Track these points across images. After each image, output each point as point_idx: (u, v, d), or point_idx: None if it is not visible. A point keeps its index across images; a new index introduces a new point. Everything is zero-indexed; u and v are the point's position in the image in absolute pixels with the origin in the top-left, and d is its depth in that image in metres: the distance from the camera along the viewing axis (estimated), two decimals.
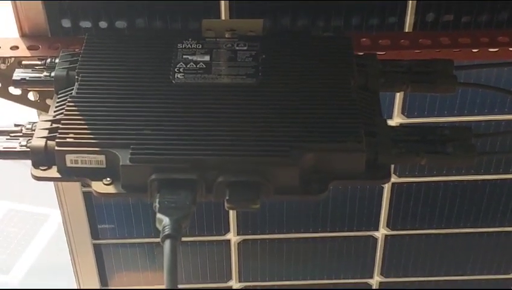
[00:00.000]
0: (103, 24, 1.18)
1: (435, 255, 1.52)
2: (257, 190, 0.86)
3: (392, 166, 1.10)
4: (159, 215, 0.83)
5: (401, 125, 1.17)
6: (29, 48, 1.13)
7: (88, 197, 1.40)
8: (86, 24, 1.18)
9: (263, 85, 0.98)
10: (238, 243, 1.48)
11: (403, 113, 1.31)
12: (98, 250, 1.49)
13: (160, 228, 0.83)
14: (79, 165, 0.89)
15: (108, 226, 1.46)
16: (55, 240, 2.44)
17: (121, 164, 0.87)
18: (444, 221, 1.47)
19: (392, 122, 1.31)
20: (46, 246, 2.45)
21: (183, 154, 0.88)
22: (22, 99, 1.17)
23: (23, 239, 2.47)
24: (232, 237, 1.48)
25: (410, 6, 1.17)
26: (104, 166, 0.89)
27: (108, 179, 0.88)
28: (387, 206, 1.45)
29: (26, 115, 1.14)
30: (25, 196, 2.55)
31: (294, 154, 0.88)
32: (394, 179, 1.40)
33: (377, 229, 1.48)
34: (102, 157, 0.88)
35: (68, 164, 0.89)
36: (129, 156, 0.87)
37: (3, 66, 1.13)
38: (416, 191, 1.42)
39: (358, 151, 0.89)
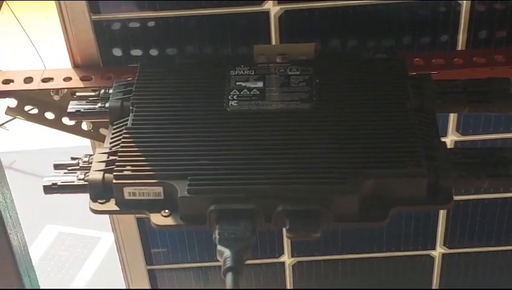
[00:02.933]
0: (154, 52, 1.18)
1: (494, 272, 1.50)
2: (317, 219, 0.85)
3: None
4: (219, 248, 0.83)
5: (461, 148, 1.16)
6: (82, 79, 1.14)
7: (141, 221, 1.39)
8: (136, 52, 1.18)
9: (318, 110, 0.97)
10: (292, 265, 1.47)
11: (457, 130, 1.29)
12: (152, 275, 1.49)
13: (221, 260, 0.82)
14: (137, 197, 0.89)
15: (161, 251, 1.46)
16: (106, 263, 2.45)
17: (179, 195, 0.86)
18: (503, 238, 1.44)
19: (447, 139, 1.29)
20: (98, 269, 2.45)
21: (241, 184, 0.87)
22: (75, 130, 1.18)
23: (75, 262, 2.48)
24: (287, 259, 1.47)
25: (463, 23, 1.16)
26: (162, 198, 0.88)
27: (166, 210, 0.88)
28: (444, 224, 1.42)
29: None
30: (74, 219, 2.56)
31: (353, 181, 0.87)
32: None
33: (434, 248, 1.46)
34: (160, 189, 0.88)
35: (126, 197, 0.88)
36: (187, 187, 0.87)
37: (56, 98, 1.14)
38: (473, 208, 1.40)
39: (419, 176, 0.88)
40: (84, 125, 1.19)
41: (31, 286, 1.26)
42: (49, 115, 1.16)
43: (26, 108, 1.16)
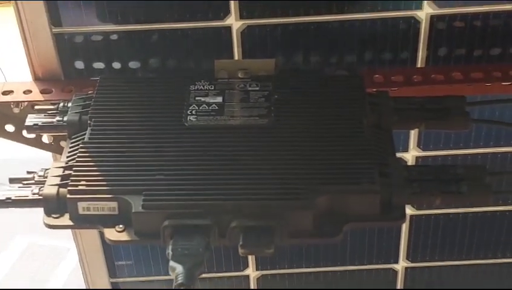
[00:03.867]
0: (116, 65, 1.19)
1: (455, 286, 1.51)
2: (271, 234, 0.86)
3: None
4: (171, 264, 0.83)
5: (415, 165, 1.16)
6: (42, 92, 1.14)
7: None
8: (99, 65, 1.19)
9: (276, 126, 0.98)
10: (257, 279, 1.48)
11: (418, 146, 1.30)
12: (116, 288, 1.48)
13: (173, 276, 0.82)
14: (91, 212, 0.88)
15: (125, 263, 1.46)
16: (77, 273, 2.44)
17: (133, 211, 0.86)
18: (464, 252, 1.45)
19: (408, 155, 1.30)
20: (68, 279, 2.44)
21: (196, 200, 0.87)
22: (35, 143, 1.17)
23: (44, 273, 2.47)
24: (251, 272, 1.47)
25: (422, 41, 1.17)
26: (117, 213, 0.88)
27: (121, 226, 0.88)
28: (407, 238, 1.43)
29: None
30: (44, 229, 2.55)
31: (307, 197, 0.87)
32: (412, 211, 1.39)
33: (396, 261, 1.46)
34: (114, 204, 0.88)
35: (80, 212, 0.88)
36: (141, 202, 0.87)
37: (16, 110, 1.13)
38: (435, 223, 1.41)
39: (373, 193, 0.88)
40: (45, 138, 1.18)
41: None
42: (9, 128, 1.16)
43: None
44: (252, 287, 1.49)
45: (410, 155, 1.30)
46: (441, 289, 1.49)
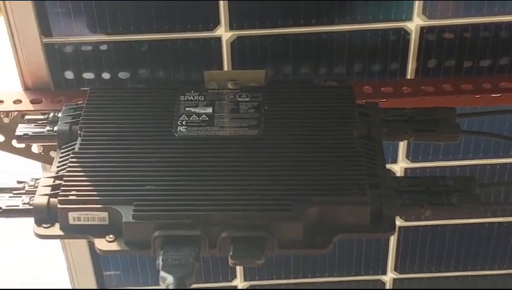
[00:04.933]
0: (106, 75, 1.19)
1: None
2: (261, 245, 0.86)
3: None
4: (162, 274, 0.83)
5: (405, 176, 1.16)
6: (32, 102, 1.14)
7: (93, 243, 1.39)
8: (89, 75, 1.19)
9: (265, 137, 0.98)
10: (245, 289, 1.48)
11: (407, 157, 1.30)
12: None
13: (163, 286, 0.82)
14: (82, 222, 0.88)
15: (114, 273, 1.45)
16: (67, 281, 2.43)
17: (123, 221, 0.86)
18: (453, 264, 1.46)
19: (397, 166, 1.30)
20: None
21: (186, 210, 0.87)
22: (25, 153, 1.17)
23: (33, 283, 2.46)
24: (239, 283, 1.47)
25: (412, 52, 1.18)
26: (107, 223, 0.88)
27: (111, 236, 0.88)
28: (395, 249, 1.44)
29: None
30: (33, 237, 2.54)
31: (297, 208, 0.87)
32: (401, 223, 1.39)
33: (385, 273, 1.47)
34: (105, 215, 0.88)
35: (71, 221, 0.88)
36: (132, 213, 0.87)
37: (6, 120, 1.13)
38: (424, 234, 1.41)
39: (362, 204, 0.88)
40: (35, 148, 1.18)
41: None
42: None
43: None
44: None
45: (399, 166, 1.31)
46: None
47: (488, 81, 1.15)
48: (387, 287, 1.48)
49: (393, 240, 1.42)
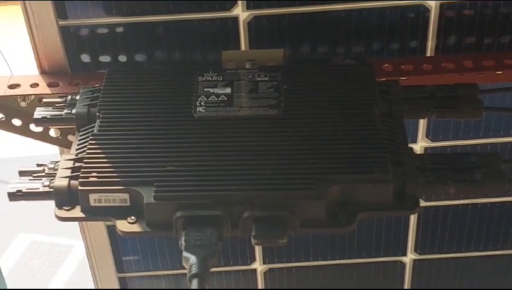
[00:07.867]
0: (122, 58, 1.18)
1: (464, 278, 1.50)
2: (283, 225, 0.85)
3: None
4: (185, 254, 0.82)
5: (428, 154, 1.15)
6: (49, 85, 1.13)
7: (111, 228, 1.38)
8: (105, 58, 1.18)
9: (285, 116, 0.97)
10: (264, 273, 1.47)
11: (427, 136, 1.29)
12: (123, 283, 1.48)
13: (187, 266, 0.81)
14: (103, 204, 0.88)
15: (133, 258, 1.45)
16: (80, 271, 2.44)
17: (145, 202, 0.86)
18: (473, 244, 1.45)
19: (417, 146, 1.29)
20: (71, 277, 2.44)
21: (208, 191, 0.87)
22: (43, 137, 1.17)
23: (47, 271, 2.47)
24: (258, 266, 1.46)
25: (432, 29, 1.16)
26: (128, 204, 0.88)
27: (132, 217, 0.87)
28: (415, 230, 1.43)
29: None
30: (47, 227, 2.55)
31: (319, 187, 0.86)
32: (421, 203, 1.37)
33: (405, 254, 1.46)
34: (126, 196, 0.87)
35: (92, 203, 0.88)
36: (153, 193, 0.86)
37: (23, 104, 1.13)
38: (444, 214, 1.40)
39: (385, 182, 0.87)
40: (52, 132, 1.18)
41: None
42: (16, 122, 1.15)
43: None
44: (259, 280, 1.48)
45: (419, 146, 1.30)
46: None
47: (510, 57, 1.14)
48: (407, 269, 1.48)
49: (413, 221, 1.41)
